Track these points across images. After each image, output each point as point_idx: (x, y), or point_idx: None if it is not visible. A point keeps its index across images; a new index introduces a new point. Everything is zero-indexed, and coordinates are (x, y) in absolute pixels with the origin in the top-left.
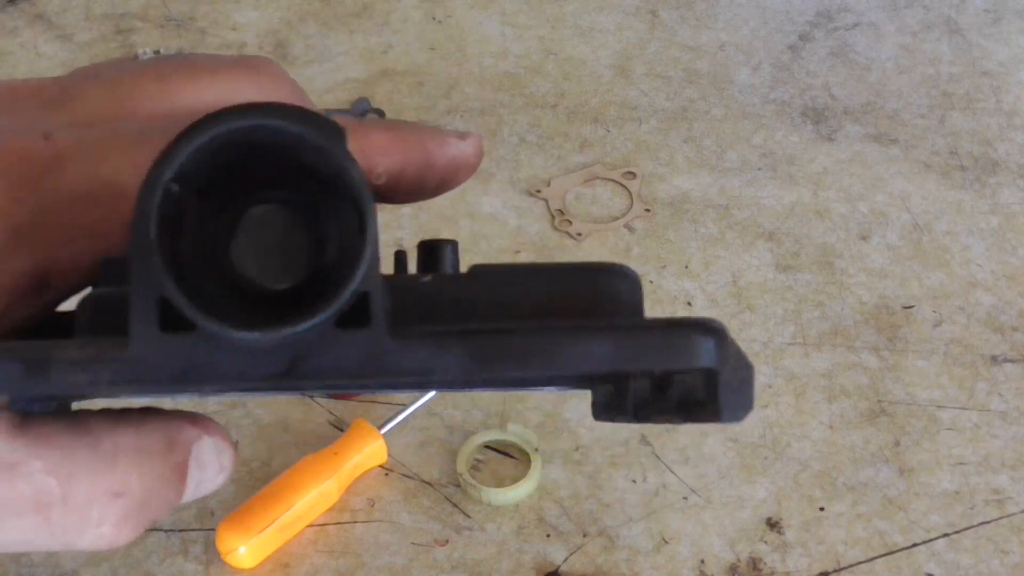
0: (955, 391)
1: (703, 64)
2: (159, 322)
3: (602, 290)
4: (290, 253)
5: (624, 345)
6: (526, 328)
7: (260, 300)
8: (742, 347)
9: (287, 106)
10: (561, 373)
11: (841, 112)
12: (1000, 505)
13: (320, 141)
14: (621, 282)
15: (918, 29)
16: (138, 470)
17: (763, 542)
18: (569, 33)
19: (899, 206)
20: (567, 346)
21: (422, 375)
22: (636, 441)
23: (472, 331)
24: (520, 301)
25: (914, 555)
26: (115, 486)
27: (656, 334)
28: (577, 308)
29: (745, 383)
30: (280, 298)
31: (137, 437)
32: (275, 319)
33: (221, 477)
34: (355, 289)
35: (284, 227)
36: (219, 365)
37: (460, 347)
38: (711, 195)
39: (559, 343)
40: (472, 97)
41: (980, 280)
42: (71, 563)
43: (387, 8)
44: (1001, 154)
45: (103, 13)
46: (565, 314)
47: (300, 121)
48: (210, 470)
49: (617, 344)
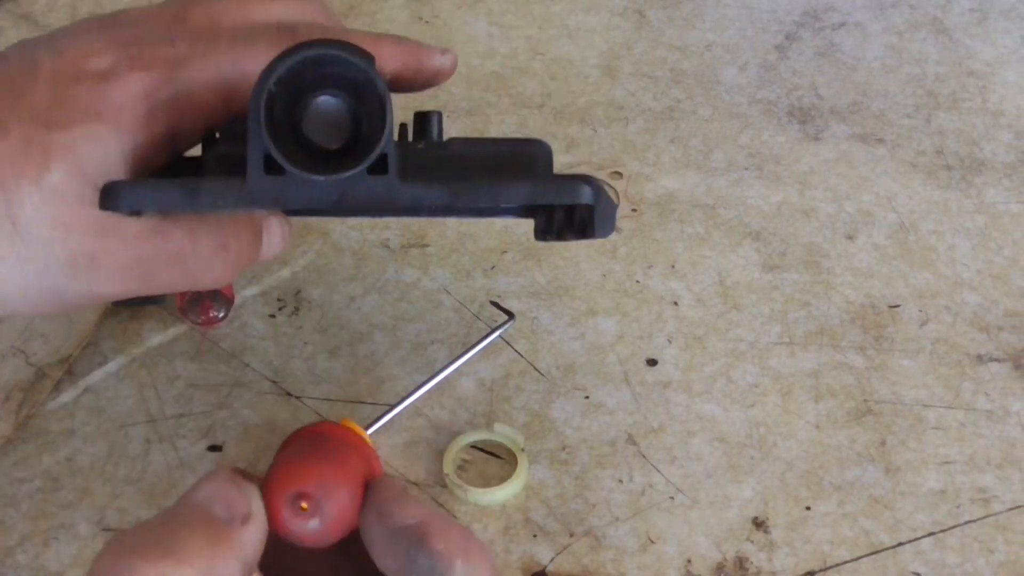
0: (941, 390)
1: (690, 64)
2: (264, 168)
3: (528, 152)
4: (337, 125)
5: (538, 188)
6: (480, 176)
7: (320, 156)
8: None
9: (341, 41)
10: (502, 205)
11: (827, 112)
12: (986, 504)
13: (359, 63)
14: (540, 149)
15: (904, 29)
16: (234, 231)
17: (749, 541)
18: (556, 33)
19: (885, 206)
20: (504, 188)
21: (417, 204)
22: (623, 441)
23: (448, 178)
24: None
25: (900, 554)
26: (221, 242)
27: (558, 182)
28: (513, 164)
29: (610, 214)
30: (332, 154)
31: (232, 215)
32: (331, 168)
33: (283, 244)
34: (379, 152)
35: (335, 110)
36: (299, 196)
37: (441, 187)
38: (698, 195)
39: (500, 186)
40: (459, 97)
41: (966, 279)
42: (56, 565)
43: (373, 8)
44: (987, 154)
45: (89, 13)
46: (506, 168)
47: (348, 51)
48: (276, 237)
49: (534, 187)
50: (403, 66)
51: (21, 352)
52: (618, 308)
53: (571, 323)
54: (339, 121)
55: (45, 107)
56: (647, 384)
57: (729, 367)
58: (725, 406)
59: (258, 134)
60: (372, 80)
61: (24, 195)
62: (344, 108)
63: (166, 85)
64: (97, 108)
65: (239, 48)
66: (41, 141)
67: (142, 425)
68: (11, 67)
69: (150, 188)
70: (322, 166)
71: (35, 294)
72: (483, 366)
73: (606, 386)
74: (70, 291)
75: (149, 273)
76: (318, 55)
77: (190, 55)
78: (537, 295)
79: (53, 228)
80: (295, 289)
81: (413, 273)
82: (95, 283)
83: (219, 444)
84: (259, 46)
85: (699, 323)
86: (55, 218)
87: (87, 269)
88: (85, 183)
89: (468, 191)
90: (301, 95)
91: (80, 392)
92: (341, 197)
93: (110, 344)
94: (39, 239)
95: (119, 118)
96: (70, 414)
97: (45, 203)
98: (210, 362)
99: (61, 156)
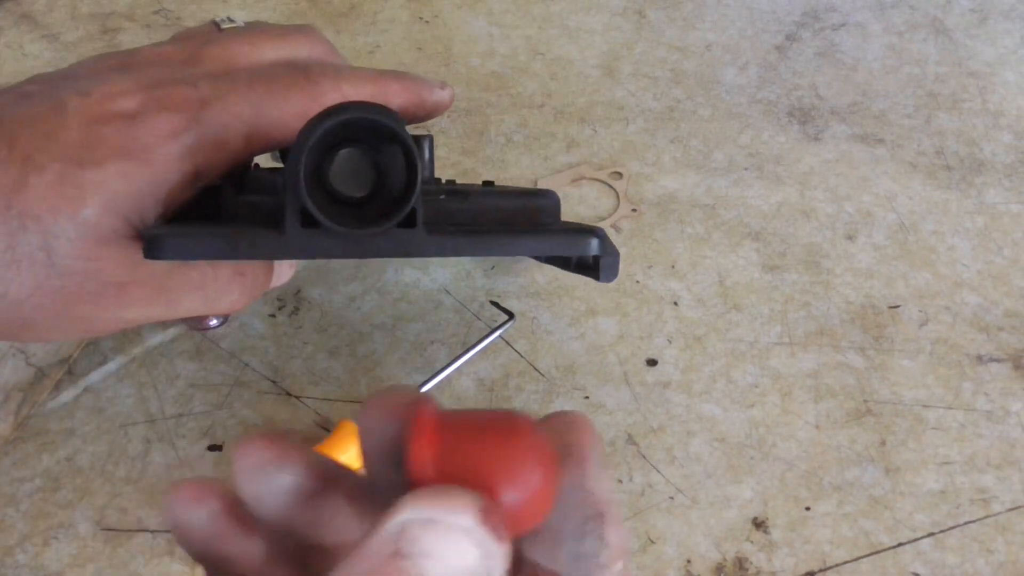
0: (941, 391)
1: (690, 64)
2: (300, 222)
3: (539, 204)
4: (362, 175)
5: (552, 240)
6: (499, 229)
7: (345, 204)
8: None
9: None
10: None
11: (828, 112)
12: (985, 504)
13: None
14: (549, 200)
15: (904, 29)
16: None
17: (749, 542)
18: (556, 33)
19: (885, 206)
20: (521, 241)
21: (440, 254)
22: (623, 441)
23: (470, 231)
24: (494, 211)
25: (900, 554)
26: (239, 270)
27: (570, 235)
28: (524, 214)
29: (614, 262)
30: (357, 203)
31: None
32: (361, 219)
33: (291, 272)
34: (409, 208)
35: (359, 161)
36: (333, 247)
37: (464, 239)
38: (698, 195)
39: (517, 239)
40: (459, 97)
41: (966, 280)
42: (56, 565)
43: (374, 8)
44: (987, 154)
45: (89, 13)
46: (518, 219)
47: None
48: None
49: (547, 239)
50: (407, 102)
51: (21, 352)
52: (618, 308)
53: (571, 323)
54: (364, 171)
55: (77, 146)
56: (647, 384)
57: (729, 367)
58: (725, 406)
59: (297, 191)
60: (403, 139)
61: (59, 229)
62: (368, 159)
63: (192, 125)
64: (128, 147)
65: (258, 89)
66: (75, 178)
67: (142, 425)
68: (39, 106)
69: (193, 240)
70: (352, 218)
71: (67, 323)
72: (483, 366)
73: (606, 386)
74: (100, 319)
75: (173, 300)
76: (355, 118)
77: (213, 96)
78: (537, 295)
79: (88, 261)
80: (295, 289)
81: (413, 273)
82: (124, 310)
83: (219, 444)
84: (277, 86)
85: (699, 323)
86: (89, 251)
87: (117, 298)
88: (118, 218)
89: (488, 244)
90: (329, 149)
91: (80, 392)
92: (371, 248)
93: (110, 344)
94: (73, 271)
95: (149, 157)
96: (70, 414)
97: (79, 237)
98: (210, 362)
99: (95, 192)
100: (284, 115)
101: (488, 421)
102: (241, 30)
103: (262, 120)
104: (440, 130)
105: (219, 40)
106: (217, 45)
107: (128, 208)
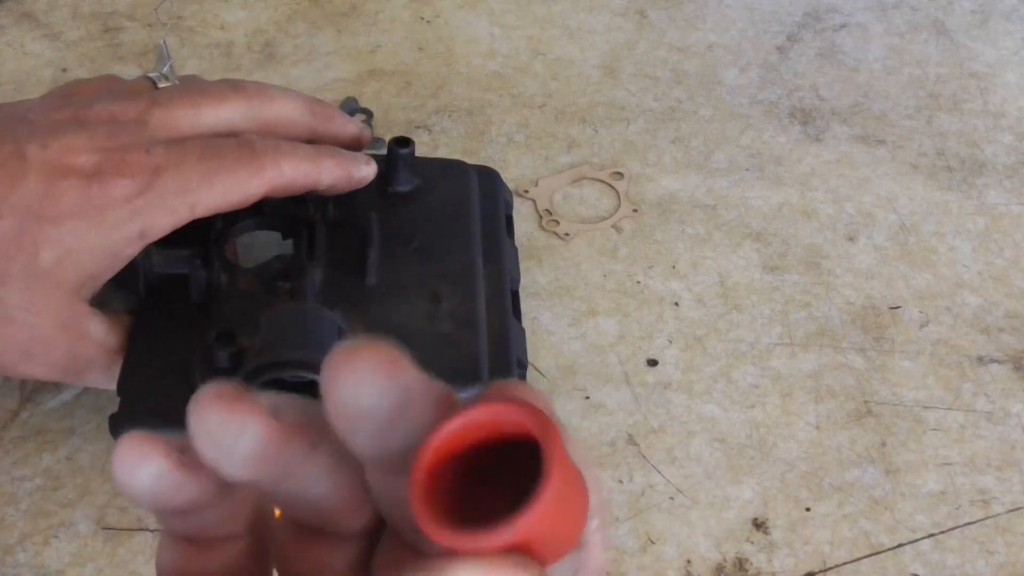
0: (941, 392)
1: (691, 65)
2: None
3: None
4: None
5: None
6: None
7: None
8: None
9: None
10: None
11: (829, 113)
12: (986, 505)
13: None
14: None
15: (906, 30)
16: None
17: (749, 542)
18: (557, 33)
19: (886, 207)
20: None
21: None
22: (623, 441)
23: None
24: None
25: (900, 555)
26: None
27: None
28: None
29: None
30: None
31: None
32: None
33: None
34: None
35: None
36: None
37: None
38: (699, 196)
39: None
40: (460, 97)
41: (967, 281)
42: (56, 564)
43: (375, 8)
44: (988, 155)
45: (91, 12)
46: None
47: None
48: None
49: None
50: (338, 179)
51: None
52: (619, 308)
53: (571, 323)
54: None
55: (38, 199)
56: (647, 384)
57: (729, 368)
58: (725, 407)
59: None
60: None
61: (12, 279)
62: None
63: (145, 192)
64: (84, 206)
65: (208, 162)
66: (32, 232)
67: None
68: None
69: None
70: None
71: None
72: None
73: (606, 386)
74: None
75: (84, 370)
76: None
77: (165, 165)
78: (537, 295)
79: (29, 313)
80: None
81: None
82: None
83: None
84: (226, 161)
85: (700, 324)
86: (34, 302)
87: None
88: (66, 272)
89: None
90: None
91: (80, 391)
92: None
93: None
94: (12, 320)
95: (102, 218)
96: (70, 413)
97: (28, 288)
98: None
99: (49, 248)
100: (228, 187)
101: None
102: (182, 90)
103: (208, 191)
104: (441, 130)
105: (163, 103)
106: (162, 108)
107: (76, 264)
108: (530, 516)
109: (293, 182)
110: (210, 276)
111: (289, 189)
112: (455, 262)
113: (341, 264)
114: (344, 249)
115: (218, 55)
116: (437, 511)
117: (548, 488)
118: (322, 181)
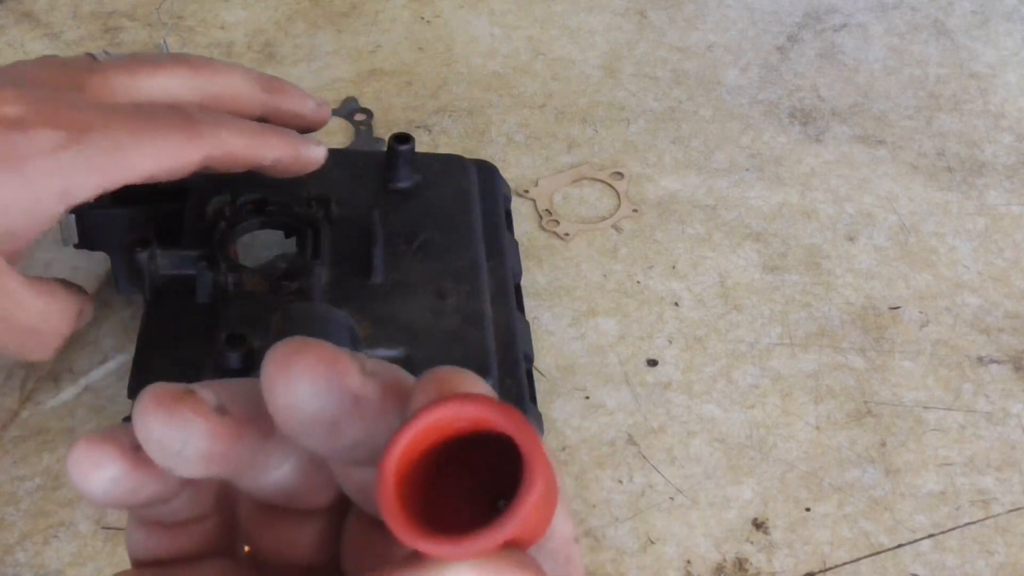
0: (941, 392)
1: (691, 65)
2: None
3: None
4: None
5: None
6: None
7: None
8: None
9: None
10: None
11: (829, 113)
12: (985, 506)
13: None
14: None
15: (906, 31)
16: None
17: (749, 542)
18: (558, 33)
19: (886, 207)
20: None
21: None
22: (623, 441)
23: None
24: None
25: (900, 556)
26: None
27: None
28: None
29: None
30: None
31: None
32: None
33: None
34: None
35: None
36: None
37: None
38: (699, 196)
39: None
40: (460, 97)
41: (966, 281)
42: (56, 563)
43: (375, 8)
44: (988, 156)
45: (91, 12)
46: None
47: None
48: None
49: None
50: (284, 155)
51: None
52: (619, 308)
53: (571, 323)
54: None
55: None
56: (647, 385)
57: (729, 368)
58: (725, 407)
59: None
60: None
61: None
62: None
63: (71, 145)
64: (5, 154)
65: (140, 123)
66: None
67: None
68: None
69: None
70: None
71: None
72: None
73: (606, 386)
74: None
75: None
76: None
77: (93, 122)
78: (537, 295)
79: None
80: None
81: None
82: None
83: None
84: (159, 124)
85: (700, 324)
86: None
87: None
88: None
89: None
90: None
91: (80, 390)
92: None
93: (110, 342)
94: None
95: (22, 166)
96: (70, 412)
97: None
98: None
99: None
100: (160, 151)
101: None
102: (120, 58)
103: (138, 152)
104: (441, 130)
105: (100, 70)
106: (99, 75)
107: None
108: (523, 511)
109: (232, 154)
110: (216, 277)
111: (229, 162)
112: (459, 258)
113: (346, 262)
114: (348, 247)
115: (218, 55)
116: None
117: (537, 481)
118: (266, 157)
